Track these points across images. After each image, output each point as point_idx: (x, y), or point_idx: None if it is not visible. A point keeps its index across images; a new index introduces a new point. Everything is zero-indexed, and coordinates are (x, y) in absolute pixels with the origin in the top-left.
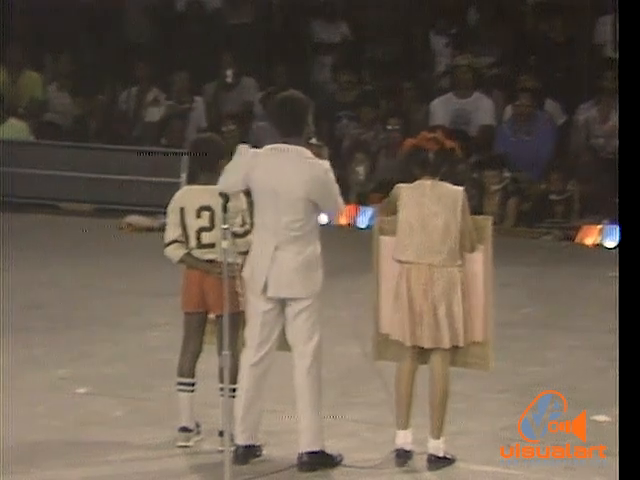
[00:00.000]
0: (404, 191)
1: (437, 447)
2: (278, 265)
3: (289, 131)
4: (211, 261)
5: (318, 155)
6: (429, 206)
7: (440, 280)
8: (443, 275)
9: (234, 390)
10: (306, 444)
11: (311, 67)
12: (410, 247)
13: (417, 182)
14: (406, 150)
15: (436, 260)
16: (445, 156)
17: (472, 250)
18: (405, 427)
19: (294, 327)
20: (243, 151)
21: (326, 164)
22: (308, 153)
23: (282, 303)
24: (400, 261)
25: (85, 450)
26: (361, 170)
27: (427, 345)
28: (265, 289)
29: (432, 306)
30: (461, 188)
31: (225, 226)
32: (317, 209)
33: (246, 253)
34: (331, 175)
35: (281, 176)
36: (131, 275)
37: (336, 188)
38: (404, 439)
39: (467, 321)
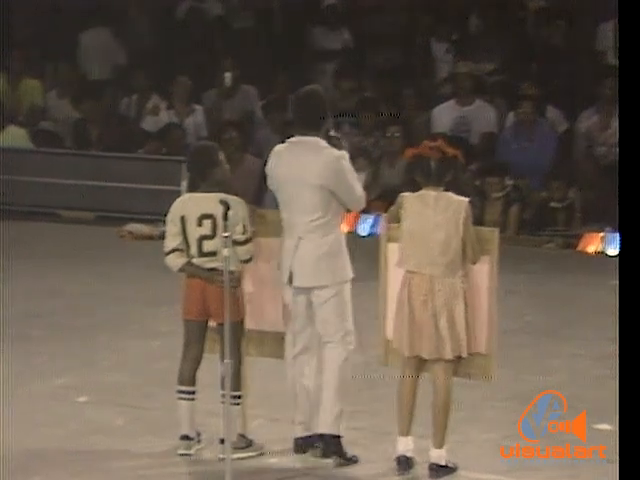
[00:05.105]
0: (408, 200)
1: (439, 456)
2: (301, 255)
3: (307, 124)
4: (212, 270)
5: (335, 147)
6: (432, 218)
7: (441, 291)
8: (444, 286)
9: (238, 397)
10: (324, 425)
11: (312, 74)
12: (412, 257)
13: (421, 192)
14: (408, 159)
15: (437, 271)
16: (448, 164)
17: (474, 262)
18: (406, 433)
19: (321, 316)
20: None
21: (339, 152)
22: (324, 143)
23: (310, 294)
24: (404, 270)
25: (86, 459)
26: (362, 177)
27: (427, 356)
28: (291, 280)
29: (433, 317)
30: (466, 199)
31: (226, 234)
32: (335, 198)
33: (247, 261)
34: (344, 162)
35: (298, 167)
36: (132, 283)
37: (352, 176)
38: (405, 446)
39: (470, 332)
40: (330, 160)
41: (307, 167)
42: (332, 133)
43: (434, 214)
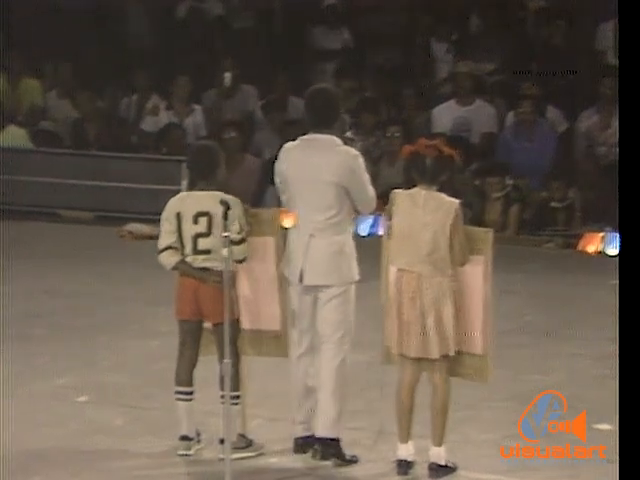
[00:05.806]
0: (399, 197)
1: (438, 455)
2: (312, 253)
3: (319, 122)
4: (205, 269)
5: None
6: (420, 217)
7: (429, 290)
8: (432, 285)
9: (237, 397)
10: (322, 428)
11: (312, 74)
12: (402, 255)
13: (413, 190)
14: (405, 156)
15: (425, 270)
16: (443, 163)
17: (462, 264)
18: (406, 440)
19: (323, 315)
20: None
21: (355, 151)
22: (338, 141)
23: (317, 292)
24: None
25: (86, 459)
26: None
27: (413, 354)
28: (302, 278)
29: (420, 315)
30: (457, 201)
31: (226, 234)
32: (349, 197)
33: (242, 261)
34: (360, 161)
35: (311, 165)
36: (132, 283)
37: (366, 176)
38: (406, 452)
39: (461, 332)
40: (346, 158)
41: (321, 165)
42: (348, 134)
43: (423, 213)
